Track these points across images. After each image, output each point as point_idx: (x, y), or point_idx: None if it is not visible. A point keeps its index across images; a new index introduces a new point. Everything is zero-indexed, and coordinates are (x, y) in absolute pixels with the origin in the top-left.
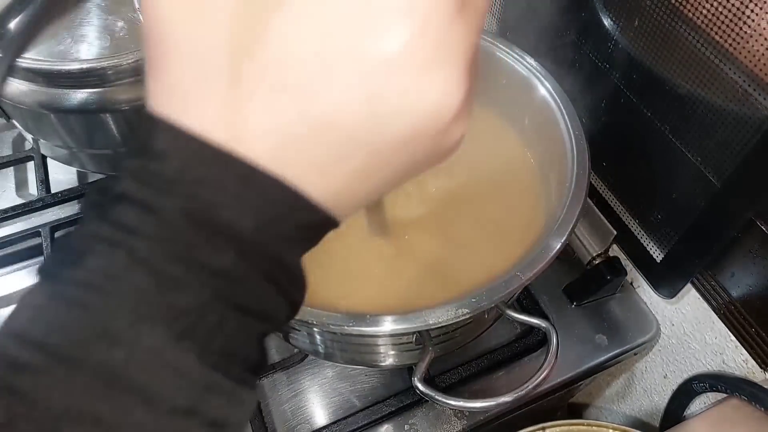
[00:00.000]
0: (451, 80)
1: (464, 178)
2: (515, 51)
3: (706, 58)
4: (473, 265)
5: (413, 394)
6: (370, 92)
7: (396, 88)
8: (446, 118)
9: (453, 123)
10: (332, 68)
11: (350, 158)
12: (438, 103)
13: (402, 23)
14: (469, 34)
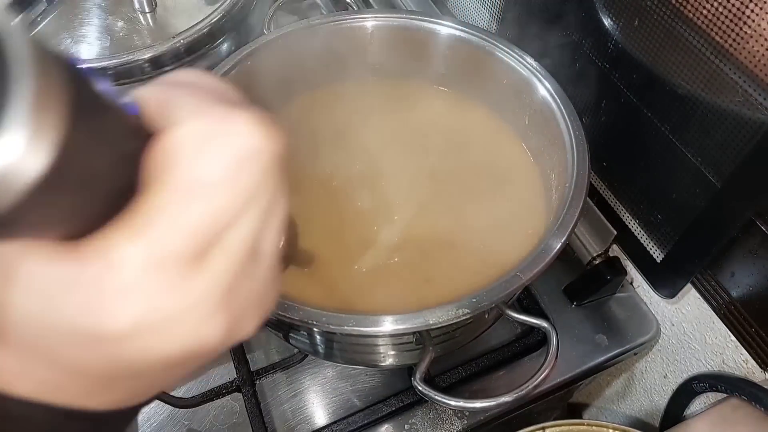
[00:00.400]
0: (200, 326)
1: (464, 178)
2: (515, 51)
3: (706, 58)
4: (473, 265)
5: (413, 394)
6: (110, 353)
7: (136, 346)
8: (204, 353)
9: (212, 352)
10: (62, 337)
11: (116, 384)
12: (187, 348)
13: (129, 305)
14: (216, 279)
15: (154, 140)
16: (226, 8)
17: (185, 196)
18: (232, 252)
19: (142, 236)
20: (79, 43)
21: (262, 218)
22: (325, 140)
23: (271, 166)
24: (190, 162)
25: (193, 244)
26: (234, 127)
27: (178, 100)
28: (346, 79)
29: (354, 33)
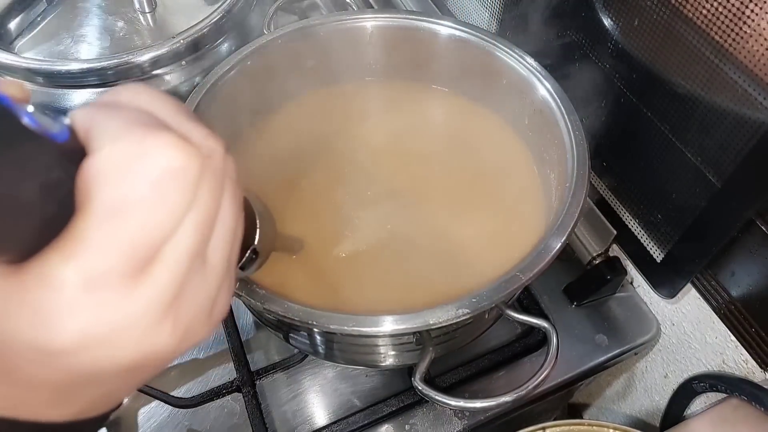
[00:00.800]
0: (150, 335)
1: (464, 178)
2: (515, 51)
3: (706, 58)
4: (473, 265)
5: (413, 394)
6: (62, 365)
7: (88, 359)
8: (159, 360)
9: (169, 358)
10: (15, 353)
11: (74, 394)
12: (145, 355)
13: (73, 320)
14: (158, 290)
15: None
16: (226, 8)
17: (113, 215)
18: (172, 263)
19: (76, 257)
20: (79, 43)
21: (201, 229)
22: (324, 140)
23: (198, 180)
24: (113, 184)
25: (127, 260)
26: (151, 148)
27: (102, 124)
28: (345, 80)
29: (354, 33)
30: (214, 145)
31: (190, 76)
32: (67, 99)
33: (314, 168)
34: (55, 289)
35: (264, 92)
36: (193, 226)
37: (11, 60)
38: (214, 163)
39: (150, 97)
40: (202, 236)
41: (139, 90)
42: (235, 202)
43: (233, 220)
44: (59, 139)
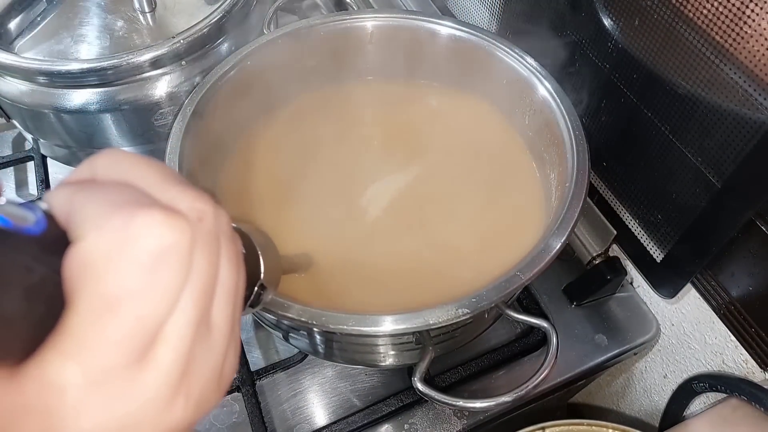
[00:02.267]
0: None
1: (464, 178)
2: (515, 51)
3: (706, 58)
4: (473, 265)
5: (413, 393)
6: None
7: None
8: None
9: None
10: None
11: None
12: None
13: (82, 420)
14: (165, 370)
15: (67, 253)
16: (226, 8)
17: (106, 310)
18: (176, 341)
19: (74, 356)
20: (78, 43)
21: (201, 298)
22: (324, 141)
23: (190, 252)
24: (101, 276)
25: (127, 352)
26: (137, 231)
27: (82, 209)
28: (346, 79)
29: (354, 33)
30: (203, 207)
31: (190, 76)
32: (67, 99)
33: (314, 168)
34: (58, 392)
35: (264, 92)
36: (191, 299)
37: (11, 60)
38: (206, 227)
39: (129, 165)
40: (203, 305)
41: (115, 158)
42: (233, 259)
43: (233, 278)
44: (36, 231)
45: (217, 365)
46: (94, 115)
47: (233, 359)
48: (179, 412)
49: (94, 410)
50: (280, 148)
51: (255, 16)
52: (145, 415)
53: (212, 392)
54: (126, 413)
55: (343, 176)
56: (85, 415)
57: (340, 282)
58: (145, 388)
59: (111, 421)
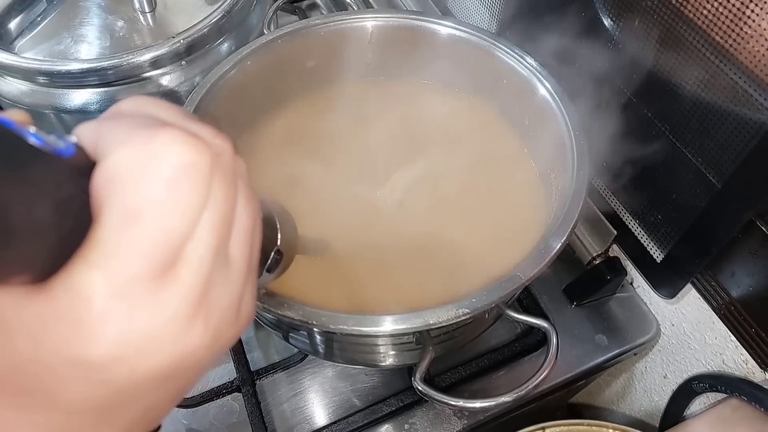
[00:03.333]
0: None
1: (464, 178)
2: (515, 51)
3: (707, 58)
4: (473, 265)
5: (413, 393)
6: (102, 378)
7: (122, 369)
8: (188, 364)
9: (197, 363)
10: (55, 373)
11: (115, 414)
12: (176, 356)
13: (107, 330)
14: (185, 290)
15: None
16: (226, 8)
17: (131, 220)
18: (196, 262)
19: (101, 266)
20: (79, 43)
21: (219, 225)
22: (324, 140)
23: (210, 176)
24: (126, 188)
25: (151, 263)
26: (161, 146)
27: (108, 132)
28: (346, 79)
29: (354, 33)
30: (222, 144)
31: (190, 76)
32: (67, 99)
33: (314, 168)
34: (85, 299)
35: (264, 92)
36: (210, 224)
37: (11, 60)
38: (225, 161)
39: (154, 104)
40: (221, 234)
41: (141, 100)
42: (250, 201)
43: (250, 219)
44: (66, 154)
45: (234, 299)
46: (94, 115)
47: (250, 300)
48: (198, 335)
49: (119, 320)
50: (280, 148)
51: (255, 16)
52: (166, 331)
53: (229, 326)
54: (148, 327)
55: (343, 176)
56: (110, 324)
57: (338, 282)
58: (166, 304)
59: (134, 333)
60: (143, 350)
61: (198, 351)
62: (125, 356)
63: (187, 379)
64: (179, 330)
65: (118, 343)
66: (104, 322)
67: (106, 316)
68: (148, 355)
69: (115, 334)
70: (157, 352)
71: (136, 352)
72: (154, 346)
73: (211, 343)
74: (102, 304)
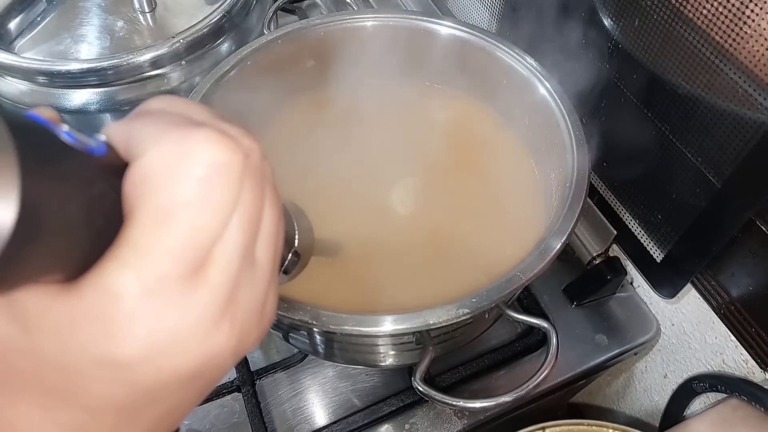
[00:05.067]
0: (206, 340)
1: (464, 177)
2: (515, 51)
3: (706, 58)
4: (473, 265)
5: (413, 393)
6: (128, 378)
7: (150, 370)
8: (215, 366)
9: (224, 362)
10: (81, 372)
11: (139, 415)
12: (203, 360)
13: (135, 329)
14: (214, 291)
15: (126, 173)
16: (226, 8)
17: (163, 220)
18: (225, 264)
19: (132, 265)
20: (79, 43)
21: (248, 227)
22: (324, 140)
23: (241, 176)
24: (160, 188)
25: (182, 263)
26: (194, 146)
27: (140, 131)
28: (346, 79)
29: (354, 33)
30: (251, 144)
31: (190, 76)
32: (67, 99)
33: (314, 168)
34: (115, 298)
35: (264, 92)
36: (240, 225)
37: (11, 60)
38: (254, 162)
39: (182, 103)
40: (250, 235)
41: (169, 99)
42: (275, 203)
43: (275, 221)
44: (98, 153)
45: (259, 301)
46: (94, 115)
47: (273, 302)
48: (224, 335)
49: (148, 319)
50: (280, 148)
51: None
52: (194, 331)
53: (254, 328)
54: (176, 327)
55: (342, 176)
56: (139, 324)
57: (338, 282)
58: (195, 304)
59: (162, 333)
60: (171, 350)
61: (223, 353)
62: (153, 356)
63: (210, 379)
64: (206, 331)
65: (146, 343)
66: (134, 321)
67: (136, 315)
68: (176, 355)
69: (144, 334)
70: (185, 352)
71: (163, 352)
72: (181, 347)
73: (236, 344)
74: (132, 303)
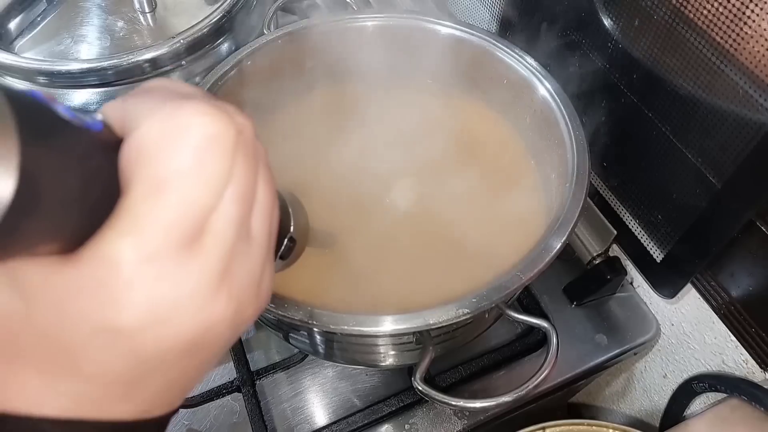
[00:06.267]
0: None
1: (464, 177)
2: (515, 51)
3: (707, 58)
4: (473, 265)
5: (413, 393)
6: (128, 347)
7: (152, 336)
8: (214, 334)
9: (224, 331)
10: (82, 341)
11: (139, 385)
12: (199, 326)
13: (134, 296)
14: (210, 261)
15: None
16: (226, 8)
17: (158, 190)
18: (220, 235)
19: (129, 233)
20: (79, 43)
21: (242, 200)
22: (324, 140)
23: (234, 149)
24: (154, 159)
25: (178, 231)
26: (187, 117)
27: (134, 108)
28: (345, 79)
29: (354, 33)
30: (244, 121)
31: (190, 76)
32: (67, 99)
33: (314, 168)
34: (113, 266)
35: (264, 92)
36: (234, 198)
37: (11, 60)
38: (247, 138)
39: (176, 83)
40: (244, 208)
41: (164, 80)
42: (269, 183)
43: (270, 198)
44: (94, 128)
45: (255, 275)
46: None
47: (268, 280)
48: (222, 305)
49: (146, 286)
50: (280, 148)
51: (255, 16)
52: (191, 300)
53: (250, 302)
54: (174, 295)
55: (342, 177)
56: (138, 291)
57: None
58: (192, 273)
59: (160, 301)
60: (169, 319)
61: (221, 324)
62: (152, 324)
63: (209, 353)
64: (204, 300)
65: (145, 310)
66: (132, 288)
67: (134, 282)
68: (174, 323)
69: (142, 301)
70: (182, 321)
71: (161, 320)
72: (179, 315)
73: (233, 316)
74: (130, 270)
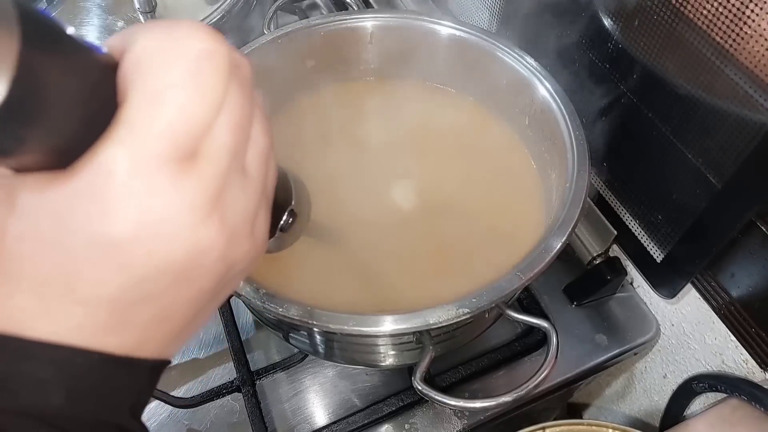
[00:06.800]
0: (195, 229)
1: (464, 178)
2: (515, 51)
3: (707, 58)
4: (473, 265)
5: (413, 393)
6: (121, 261)
7: (141, 250)
8: (205, 254)
9: (217, 256)
10: (76, 255)
11: (131, 313)
12: (189, 249)
13: (128, 206)
14: (203, 183)
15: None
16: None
17: (154, 100)
18: (214, 158)
19: (124, 142)
20: None
21: (236, 130)
22: (324, 140)
23: (229, 71)
24: (151, 70)
25: (172, 145)
26: (184, 33)
27: (133, 33)
28: (346, 79)
29: (354, 33)
30: (241, 59)
31: None
32: None
33: (314, 168)
34: (108, 175)
35: (264, 92)
36: (228, 125)
37: None
38: (243, 73)
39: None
40: (238, 139)
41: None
42: (265, 126)
43: (266, 141)
44: (98, 51)
45: (249, 211)
46: None
47: (263, 225)
48: (213, 231)
49: (139, 197)
50: (280, 148)
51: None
52: (183, 219)
53: (243, 239)
54: (167, 209)
55: (341, 177)
56: (131, 201)
57: (338, 281)
58: (184, 191)
59: (153, 213)
60: (161, 233)
61: (212, 251)
62: (143, 237)
63: (201, 286)
64: (195, 221)
65: (137, 221)
66: (125, 197)
67: (128, 191)
68: (165, 240)
69: (135, 212)
70: (174, 239)
71: (153, 234)
72: (171, 232)
73: (225, 247)
74: (124, 178)
